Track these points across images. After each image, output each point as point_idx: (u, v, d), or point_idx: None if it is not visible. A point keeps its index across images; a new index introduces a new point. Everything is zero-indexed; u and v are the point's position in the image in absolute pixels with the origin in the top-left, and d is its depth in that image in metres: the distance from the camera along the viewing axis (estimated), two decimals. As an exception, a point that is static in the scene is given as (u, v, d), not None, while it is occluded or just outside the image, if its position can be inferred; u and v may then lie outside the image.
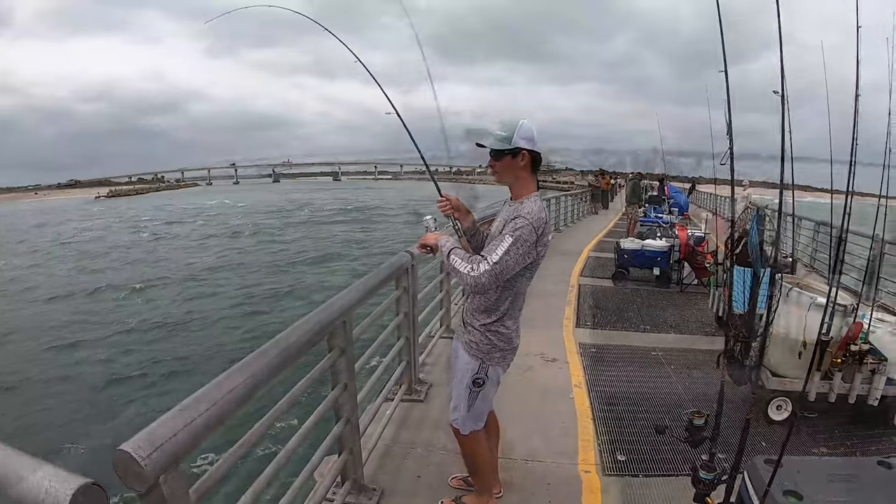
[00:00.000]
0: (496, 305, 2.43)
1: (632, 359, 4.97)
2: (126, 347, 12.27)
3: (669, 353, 5.14)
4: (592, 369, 4.65)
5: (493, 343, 2.45)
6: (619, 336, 5.66)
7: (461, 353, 2.51)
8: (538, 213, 2.24)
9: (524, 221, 2.20)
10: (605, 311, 6.62)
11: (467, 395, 2.48)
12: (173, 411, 1.41)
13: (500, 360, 2.49)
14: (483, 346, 2.43)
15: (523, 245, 2.19)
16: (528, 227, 2.19)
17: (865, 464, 2.32)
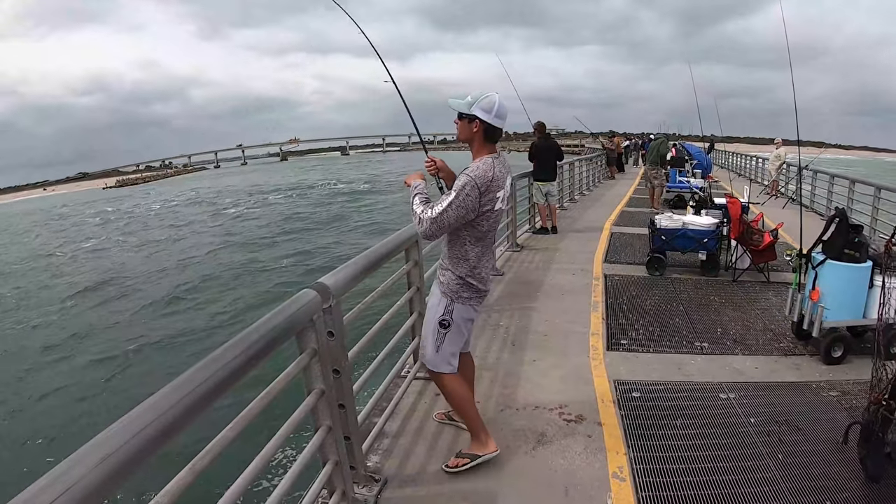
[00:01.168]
0: (456, 252, 2.68)
1: (694, 410, 3.38)
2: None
3: (744, 392, 3.58)
4: (639, 439, 3.08)
5: (461, 283, 2.68)
6: (668, 363, 4.07)
7: (434, 291, 2.81)
8: (482, 171, 2.52)
9: (466, 178, 2.50)
10: (644, 318, 5.03)
11: (434, 336, 2.75)
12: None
13: (468, 299, 2.72)
14: (452, 285, 2.69)
15: (465, 199, 2.47)
16: (471, 183, 2.48)
17: None
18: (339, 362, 2.36)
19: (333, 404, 2.32)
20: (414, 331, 3.72)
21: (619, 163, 22.12)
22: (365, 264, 2.72)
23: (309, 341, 2.18)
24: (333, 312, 2.28)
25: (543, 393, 3.59)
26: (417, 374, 3.80)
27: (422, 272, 3.68)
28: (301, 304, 2.09)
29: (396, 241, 3.29)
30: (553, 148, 9.59)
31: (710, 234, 6.39)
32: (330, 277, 2.35)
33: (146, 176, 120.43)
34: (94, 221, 40.76)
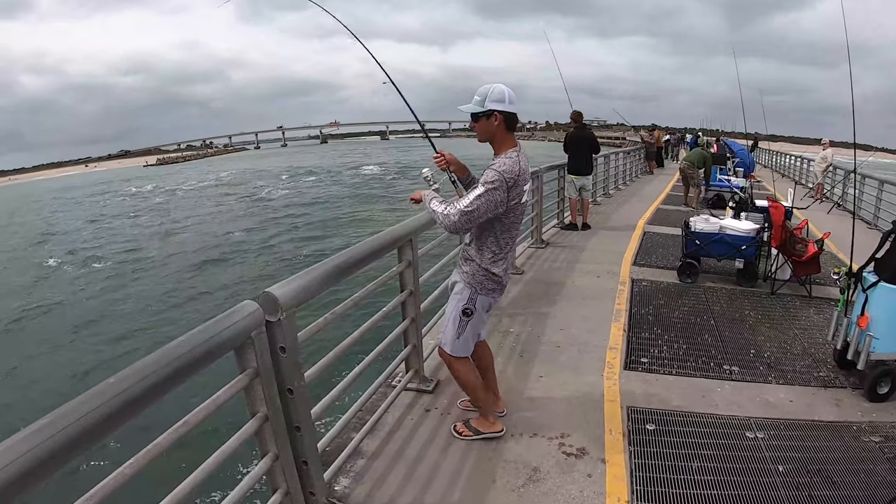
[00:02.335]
0: (482, 243, 2.72)
1: (715, 451, 2.93)
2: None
3: (775, 432, 3.12)
4: (647, 484, 2.67)
5: (486, 274, 2.73)
6: (691, 389, 3.61)
7: (458, 282, 2.84)
8: (510, 167, 2.54)
9: (494, 174, 2.51)
10: (669, 332, 4.57)
11: (457, 323, 2.81)
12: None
13: (491, 291, 2.79)
14: (478, 276, 2.74)
15: (493, 193, 2.50)
16: (499, 178, 2.50)
17: None
18: (292, 381, 2.08)
19: (281, 429, 2.07)
20: (406, 337, 3.44)
21: (659, 157, 21.33)
22: (328, 272, 2.39)
23: (248, 360, 1.90)
24: (284, 327, 1.99)
25: (545, 417, 3.21)
26: (408, 384, 3.55)
27: (416, 274, 3.35)
28: (234, 320, 1.80)
29: (385, 240, 3.00)
30: (588, 138, 9.10)
31: (750, 240, 5.85)
32: (280, 287, 2.04)
33: (187, 155, 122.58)
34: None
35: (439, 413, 3.31)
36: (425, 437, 3.08)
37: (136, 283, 15.49)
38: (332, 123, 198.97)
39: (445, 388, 3.58)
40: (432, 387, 3.56)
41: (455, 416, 3.26)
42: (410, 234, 3.23)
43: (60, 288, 15.90)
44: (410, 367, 3.59)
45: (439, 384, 3.62)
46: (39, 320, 12.93)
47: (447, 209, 2.57)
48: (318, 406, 2.46)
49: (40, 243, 24.42)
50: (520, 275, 6.14)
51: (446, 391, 3.54)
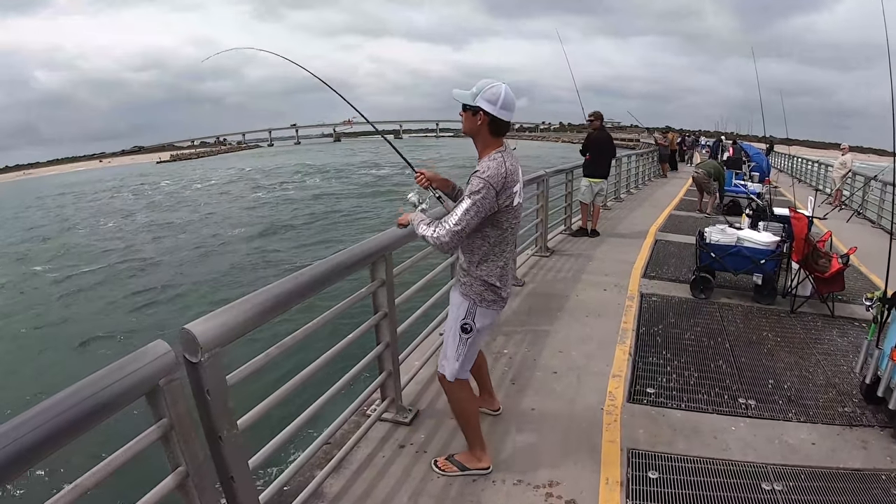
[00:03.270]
0: (477, 254, 2.54)
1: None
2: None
3: (794, 482, 2.70)
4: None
5: (484, 286, 2.56)
6: (701, 428, 3.19)
7: (455, 295, 2.67)
8: (494, 170, 2.37)
9: (479, 181, 2.35)
10: (680, 357, 4.15)
11: (457, 344, 2.63)
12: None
13: (491, 303, 2.60)
14: (476, 286, 2.56)
15: (482, 203, 2.34)
16: (484, 185, 2.34)
17: None
18: (221, 428, 1.79)
19: (209, 483, 1.77)
20: (382, 363, 3.13)
21: (673, 160, 20.82)
22: (264, 303, 2.03)
23: (161, 409, 1.59)
24: (207, 369, 1.70)
25: (533, 460, 2.83)
26: (384, 414, 3.21)
27: (391, 294, 3.00)
28: (137, 366, 1.49)
29: (351, 258, 2.67)
30: (610, 140, 8.73)
31: (769, 254, 5.41)
32: (202, 323, 1.71)
33: (200, 152, 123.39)
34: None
35: (414, 450, 2.95)
36: (397, 477, 2.74)
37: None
38: (346, 122, 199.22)
39: (425, 419, 3.24)
40: (410, 418, 3.22)
41: (433, 453, 2.92)
42: (384, 250, 2.88)
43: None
44: (386, 396, 3.26)
45: (418, 415, 3.28)
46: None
47: (436, 231, 2.39)
48: (271, 444, 2.17)
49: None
50: (520, 286, 5.76)
51: (425, 424, 3.20)
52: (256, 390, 2.38)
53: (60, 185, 64.05)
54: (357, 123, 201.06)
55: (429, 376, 3.76)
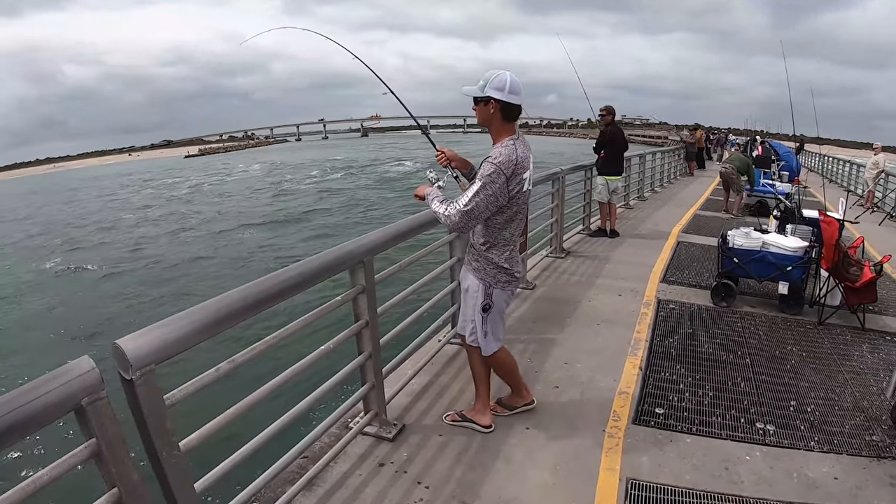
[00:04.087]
0: (487, 238, 2.71)
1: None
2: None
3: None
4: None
5: (497, 268, 2.74)
6: (712, 457, 2.87)
7: (469, 277, 2.84)
8: (506, 156, 2.51)
9: (490, 166, 2.50)
10: (695, 373, 3.84)
11: (481, 321, 2.83)
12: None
13: (505, 285, 2.79)
14: (490, 269, 2.74)
15: (491, 186, 2.49)
16: (495, 170, 2.49)
17: None
18: (160, 450, 1.65)
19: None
20: (364, 374, 2.92)
21: (700, 158, 20.25)
22: (207, 317, 1.84)
23: (90, 429, 1.45)
24: (141, 387, 1.55)
25: (519, 489, 2.58)
26: (366, 428, 3.01)
27: (372, 302, 2.77)
28: (55, 385, 1.36)
29: (324, 264, 2.45)
30: (622, 135, 8.38)
31: (797, 260, 5.05)
32: (135, 339, 1.57)
33: (228, 146, 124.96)
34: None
35: (394, 469, 2.73)
36: (371, 499, 2.53)
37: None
38: (374, 117, 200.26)
39: (410, 435, 3.02)
40: (393, 433, 3.00)
41: (413, 474, 2.69)
42: (362, 255, 2.65)
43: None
44: (369, 409, 3.04)
45: (403, 430, 3.07)
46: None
47: (447, 209, 2.57)
48: (223, 465, 1.98)
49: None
50: (530, 290, 5.50)
51: (410, 441, 2.97)
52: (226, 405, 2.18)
53: (90, 177, 65.42)
54: (384, 118, 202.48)
55: (421, 387, 3.55)
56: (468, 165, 2.94)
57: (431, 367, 3.82)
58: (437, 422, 3.17)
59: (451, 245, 3.93)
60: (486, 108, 2.61)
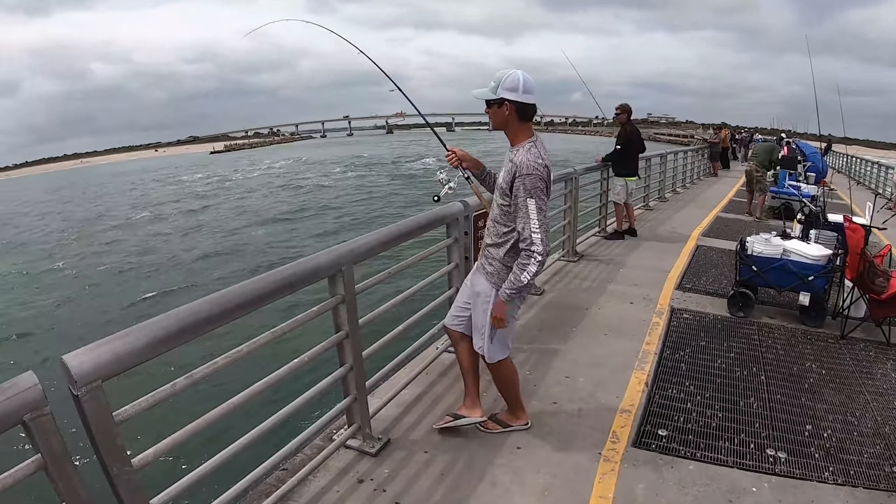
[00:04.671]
0: (507, 239, 2.60)
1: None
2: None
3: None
4: None
5: (509, 273, 2.56)
6: (715, 487, 2.63)
7: (481, 281, 2.72)
8: (535, 162, 2.44)
9: (532, 179, 2.42)
10: (704, 391, 3.61)
11: (490, 327, 2.69)
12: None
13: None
14: (503, 274, 2.60)
15: (540, 196, 2.45)
16: (540, 179, 2.45)
17: None
18: (111, 467, 1.60)
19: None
20: (346, 386, 2.78)
21: (724, 158, 19.75)
22: (157, 333, 1.74)
23: (36, 447, 1.43)
24: (88, 403, 1.51)
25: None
26: (349, 441, 2.88)
27: (353, 312, 2.62)
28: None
29: (296, 274, 2.31)
30: (640, 135, 8.14)
31: (819, 269, 4.77)
32: (81, 354, 1.53)
33: (253, 142, 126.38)
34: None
35: (373, 487, 2.59)
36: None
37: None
38: (398, 114, 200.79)
39: (394, 451, 2.87)
40: (377, 448, 2.86)
41: (392, 493, 2.55)
42: (340, 264, 2.50)
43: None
44: (352, 422, 2.90)
45: (388, 445, 2.92)
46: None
47: (532, 258, 2.46)
48: (181, 483, 1.87)
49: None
50: (538, 295, 5.30)
51: (393, 457, 2.82)
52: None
53: (115, 172, 66.67)
54: (409, 115, 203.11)
55: (413, 398, 3.40)
56: (480, 166, 2.89)
57: (426, 377, 3.67)
58: (424, 436, 3.02)
59: (449, 250, 3.76)
60: (501, 111, 2.52)
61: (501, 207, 2.61)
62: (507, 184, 2.53)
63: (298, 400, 2.46)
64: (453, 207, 3.60)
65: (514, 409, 3.05)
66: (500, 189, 2.61)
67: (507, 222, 2.58)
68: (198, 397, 2.72)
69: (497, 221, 2.64)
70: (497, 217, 2.64)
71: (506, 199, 2.56)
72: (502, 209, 2.60)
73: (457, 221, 3.66)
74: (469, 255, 3.84)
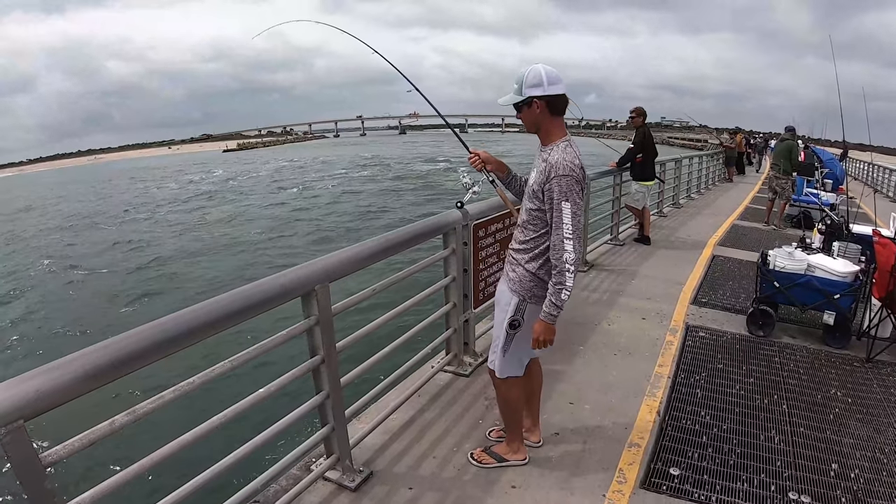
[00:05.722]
0: (533, 243, 2.42)
1: None
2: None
3: None
4: None
5: (535, 281, 2.42)
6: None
7: (502, 289, 2.59)
8: (570, 162, 2.27)
9: (568, 180, 2.24)
10: (721, 422, 3.30)
11: (504, 338, 2.53)
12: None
13: (542, 299, 2.36)
14: (525, 282, 2.44)
15: (576, 201, 2.26)
16: (575, 181, 2.26)
17: None
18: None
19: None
20: (324, 413, 2.53)
21: (740, 163, 19.33)
22: (87, 364, 1.52)
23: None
24: (9, 445, 1.35)
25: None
26: (328, 472, 2.64)
27: (329, 336, 2.37)
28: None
29: (262, 293, 2.08)
30: (653, 138, 7.90)
31: (846, 287, 4.45)
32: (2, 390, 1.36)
33: (266, 141, 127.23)
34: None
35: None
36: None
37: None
38: (412, 114, 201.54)
39: (376, 486, 2.61)
40: (357, 482, 2.62)
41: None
42: (312, 283, 2.23)
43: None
44: (331, 452, 2.65)
45: (370, 479, 2.66)
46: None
47: (565, 267, 2.24)
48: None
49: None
50: (544, 309, 5.01)
51: (374, 492, 2.57)
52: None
53: (126, 169, 67.26)
54: (423, 116, 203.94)
55: (402, 424, 3.13)
56: (504, 168, 2.73)
57: (418, 400, 3.40)
58: (410, 469, 2.75)
59: (446, 262, 3.50)
60: (532, 111, 2.33)
61: (531, 212, 2.41)
62: (539, 186, 2.33)
63: (270, 429, 2.22)
64: (451, 216, 3.34)
65: (513, 441, 2.80)
66: (531, 192, 2.40)
67: (538, 228, 2.39)
68: (158, 430, 2.48)
69: (526, 227, 2.45)
70: (526, 222, 2.45)
71: (535, 203, 2.37)
72: (532, 214, 2.41)
73: (455, 231, 3.40)
74: (468, 268, 3.58)
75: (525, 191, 2.50)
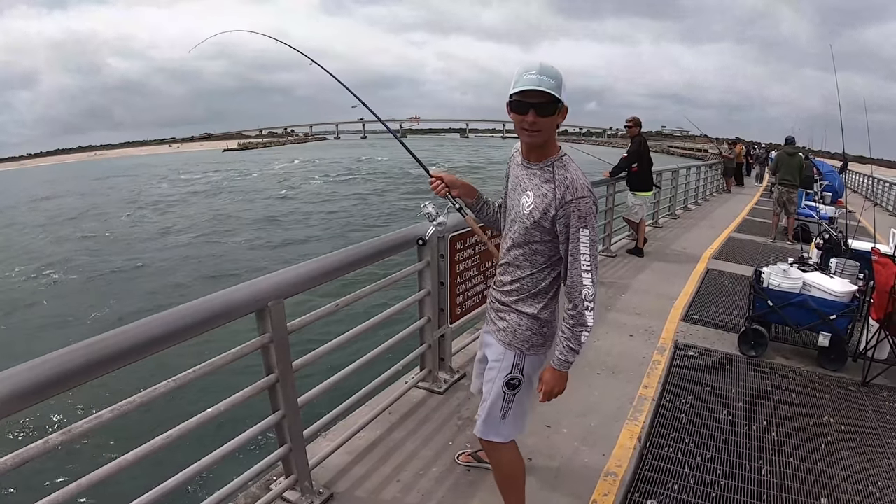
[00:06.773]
0: (531, 283, 1.95)
1: None
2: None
3: None
4: None
5: (533, 328, 1.97)
6: None
7: (492, 343, 2.08)
8: (587, 182, 1.84)
9: (587, 203, 1.81)
10: (706, 450, 3.11)
11: (501, 402, 2.05)
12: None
13: (540, 347, 2.00)
14: (521, 331, 1.97)
15: (594, 225, 1.83)
16: (592, 203, 1.83)
17: None
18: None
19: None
20: (281, 433, 2.36)
21: (738, 174, 19.20)
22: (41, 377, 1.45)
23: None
24: None
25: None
26: (286, 493, 2.47)
27: (285, 354, 2.21)
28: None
29: (209, 309, 1.93)
30: (648, 148, 7.78)
31: (843, 308, 4.27)
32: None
33: (267, 141, 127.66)
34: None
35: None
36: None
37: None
38: (413, 118, 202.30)
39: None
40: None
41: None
42: (265, 300, 2.06)
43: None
44: (290, 472, 2.48)
45: (330, 501, 2.50)
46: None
47: (585, 304, 1.83)
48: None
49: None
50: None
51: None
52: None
53: (125, 167, 67.30)
54: (424, 120, 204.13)
55: (368, 443, 2.96)
56: (474, 193, 2.21)
57: (388, 417, 3.23)
58: (371, 494, 2.58)
59: (421, 275, 3.33)
60: (556, 118, 1.83)
61: (529, 246, 1.92)
62: (543, 213, 1.85)
63: (224, 447, 2.07)
64: (418, 229, 3.16)
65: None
66: (532, 222, 1.88)
67: (536, 264, 1.93)
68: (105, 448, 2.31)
69: (518, 264, 1.96)
70: (518, 259, 1.96)
71: (535, 235, 1.89)
72: (530, 248, 1.93)
73: (430, 242, 3.22)
74: (445, 282, 3.41)
75: (509, 219, 2.02)
